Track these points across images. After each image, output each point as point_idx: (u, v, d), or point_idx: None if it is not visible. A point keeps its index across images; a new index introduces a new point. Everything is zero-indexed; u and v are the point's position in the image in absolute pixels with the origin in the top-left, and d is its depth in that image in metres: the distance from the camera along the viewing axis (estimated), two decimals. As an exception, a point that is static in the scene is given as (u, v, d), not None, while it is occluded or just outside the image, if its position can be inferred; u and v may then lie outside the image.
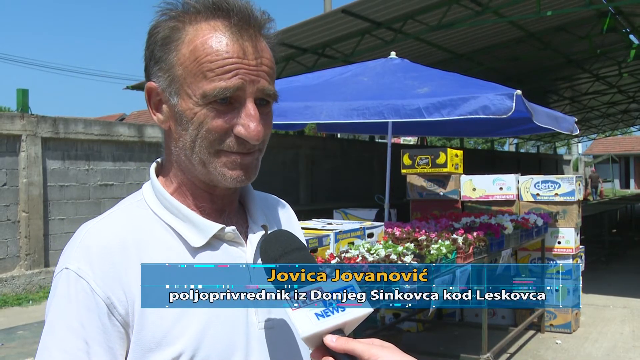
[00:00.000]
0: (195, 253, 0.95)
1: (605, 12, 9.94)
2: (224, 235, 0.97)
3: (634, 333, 5.99)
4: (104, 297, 0.88)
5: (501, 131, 7.48)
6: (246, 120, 0.91)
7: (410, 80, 4.84)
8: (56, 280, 0.92)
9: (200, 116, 0.91)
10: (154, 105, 0.97)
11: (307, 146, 12.43)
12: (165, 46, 0.93)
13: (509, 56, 12.42)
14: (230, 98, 0.90)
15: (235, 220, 1.02)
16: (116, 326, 0.88)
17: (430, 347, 5.45)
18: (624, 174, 36.28)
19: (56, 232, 8.19)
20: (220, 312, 0.91)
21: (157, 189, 0.99)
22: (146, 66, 0.97)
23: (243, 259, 0.98)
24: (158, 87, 0.95)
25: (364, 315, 0.84)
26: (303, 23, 8.96)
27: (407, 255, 3.35)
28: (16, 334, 6.08)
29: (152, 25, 0.95)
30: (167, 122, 0.96)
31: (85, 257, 0.90)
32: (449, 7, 8.87)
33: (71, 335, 0.87)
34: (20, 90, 8.27)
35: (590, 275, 7.71)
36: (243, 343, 0.94)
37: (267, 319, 0.97)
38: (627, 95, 19.13)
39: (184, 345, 0.89)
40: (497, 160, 19.95)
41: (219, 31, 0.91)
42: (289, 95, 4.78)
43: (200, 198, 0.98)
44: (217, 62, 0.89)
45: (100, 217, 0.97)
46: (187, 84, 0.91)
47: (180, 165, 0.97)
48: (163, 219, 0.96)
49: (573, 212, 5.98)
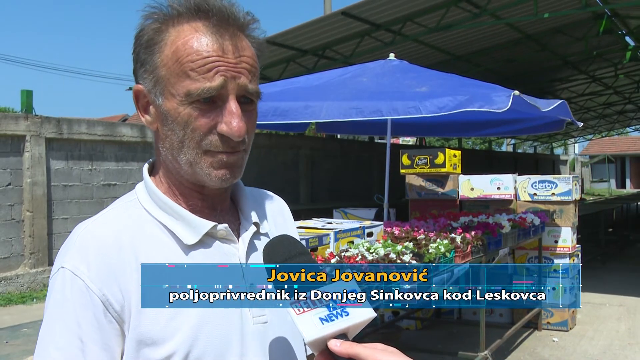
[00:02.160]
0: (188, 251, 0.96)
1: (602, 14, 9.99)
2: (216, 232, 0.98)
3: (629, 331, 6.05)
4: (99, 294, 0.89)
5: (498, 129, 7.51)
6: (228, 117, 0.92)
7: (409, 80, 4.91)
8: (53, 279, 0.93)
9: (184, 115, 0.92)
10: (142, 107, 0.99)
11: (307, 146, 12.48)
12: (149, 48, 0.95)
13: (506, 58, 12.48)
14: (212, 97, 0.92)
15: (227, 218, 1.03)
16: (112, 323, 0.89)
17: (429, 344, 5.49)
18: (620, 174, 36.34)
19: (60, 231, 8.26)
20: (214, 309, 0.92)
21: (150, 188, 1.00)
22: (134, 69, 0.99)
23: (236, 256, 0.99)
24: (144, 89, 0.97)
25: (368, 319, 0.85)
26: (303, 25, 9.02)
27: (406, 254, 3.33)
28: (20, 332, 6.12)
29: (138, 29, 0.97)
30: (155, 123, 0.98)
31: (81, 256, 0.91)
32: (448, 9, 8.93)
33: (67, 334, 0.88)
34: (25, 91, 8.29)
35: (587, 274, 7.78)
36: (238, 338, 0.95)
37: (261, 314, 0.98)
38: (623, 97, 19.16)
39: (179, 341, 0.90)
40: (494, 160, 20.00)
41: (199, 32, 0.92)
42: (289, 96, 4.83)
43: (191, 197, 0.99)
44: (197, 61, 0.91)
45: (94, 217, 0.98)
46: (171, 84, 0.92)
47: (168, 165, 0.99)
48: (156, 217, 0.97)
49: (570, 212, 6.03)
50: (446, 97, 4.16)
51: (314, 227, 3.58)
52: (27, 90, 8.31)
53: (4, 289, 7.61)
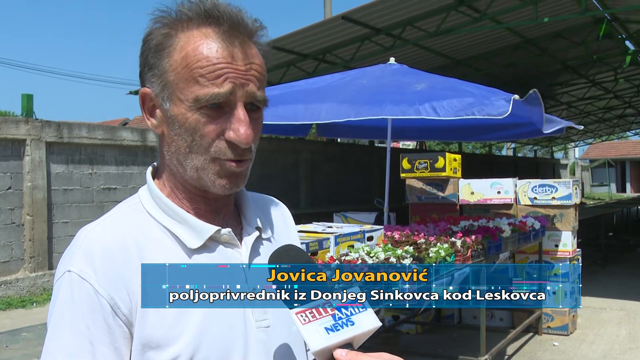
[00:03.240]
0: (192, 254, 0.96)
1: (601, 18, 10.02)
2: (220, 237, 0.99)
3: (630, 335, 6.04)
4: (107, 297, 0.89)
5: (498, 135, 7.54)
6: (236, 124, 0.92)
7: (408, 77, 4.92)
8: (58, 283, 0.92)
9: (192, 121, 0.92)
10: (147, 110, 0.99)
11: (307, 150, 12.49)
12: (158, 53, 0.95)
13: (506, 62, 12.51)
14: (220, 103, 0.92)
15: (230, 223, 1.03)
16: (120, 326, 0.89)
17: (429, 349, 5.48)
18: (620, 178, 36.35)
19: (60, 235, 8.25)
20: (218, 312, 0.93)
21: (154, 191, 1.00)
22: (140, 72, 0.99)
23: (239, 260, 0.99)
24: (152, 92, 0.97)
25: (373, 329, 0.85)
26: (304, 29, 9.04)
27: (406, 258, 3.34)
28: (20, 336, 6.11)
29: (146, 32, 0.97)
30: (161, 126, 0.97)
31: (87, 259, 0.91)
32: (448, 14, 8.95)
33: (75, 337, 0.88)
34: (25, 95, 8.33)
35: (587, 278, 7.79)
36: (241, 343, 0.95)
37: (264, 318, 0.98)
38: (623, 101, 19.19)
39: (183, 345, 0.90)
40: (494, 164, 19.98)
41: (209, 38, 0.92)
42: (289, 98, 4.85)
43: (194, 201, 1.00)
44: (207, 67, 0.91)
45: (98, 220, 0.98)
46: (179, 89, 0.92)
47: (172, 169, 0.99)
48: (160, 221, 0.97)
49: (570, 216, 6.03)
50: (446, 100, 4.16)
51: (314, 231, 3.57)
52: (27, 94, 8.35)
53: (3, 293, 7.60)
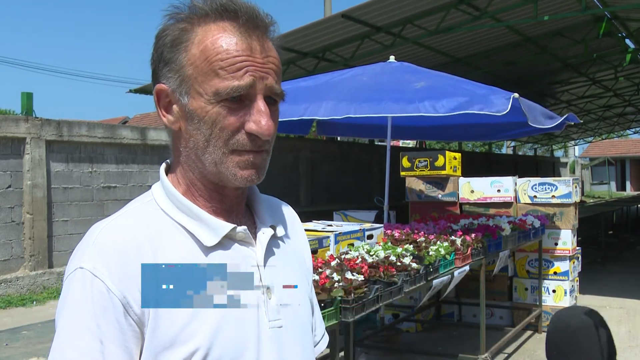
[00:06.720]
0: (207, 252, 0.95)
1: (601, 16, 10.03)
2: (235, 235, 0.98)
3: (630, 333, 6.05)
4: (120, 296, 0.88)
5: (498, 135, 7.55)
6: (257, 116, 0.92)
7: (408, 75, 4.92)
8: (69, 280, 0.91)
9: (213, 114, 0.92)
10: (163, 106, 0.98)
11: (307, 149, 12.49)
12: (174, 47, 0.94)
13: (506, 60, 12.51)
14: (240, 96, 0.92)
15: (244, 221, 1.02)
16: (132, 325, 0.88)
17: (429, 347, 5.48)
18: (620, 176, 36.37)
19: (60, 234, 8.24)
20: (232, 312, 0.93)
21: (168, 189, 0.99)
22: (154, 69, 0.98)
23: (253, 258, 0.99)
24: (168, 88, 0.96)
25: None
26: (304, 27, 9.03)
27: (406, 256, 3.34)
28: (20, 334, 6.11)
29: (160, 28, 0.97)
30: (178, 122, 0.96)
31: (100, 256, 0.89)
32: (448, 12, 8.95)
33: (86, 335, 0.87)
34: (25, 93, 8.32)
35: (587, 276, 7.78)
36: (254, 342, 0.95)
37: (277, 318, 0.98)
38: (623, 99, 19.19)
39: (197, 344, 0.89)
40: (494, 162, 19.98)
41: (227, 31, 0.93)
42: (289, 96, 4.82)
43: (210, 198, 0.99)
44: (227, 60, 0.91)
45: (111, 217, 0.97)
46: (198, 82, 0.92)
47: (190, 165, 0.98)
48: (175, 218, 0.96)
49: (570, 214, 6.04)
50: (445, 98, 4.16)
51: (314, 229, 3.56)
52: (27, 92, 8.34)
53: (4, 291, 7.61)
